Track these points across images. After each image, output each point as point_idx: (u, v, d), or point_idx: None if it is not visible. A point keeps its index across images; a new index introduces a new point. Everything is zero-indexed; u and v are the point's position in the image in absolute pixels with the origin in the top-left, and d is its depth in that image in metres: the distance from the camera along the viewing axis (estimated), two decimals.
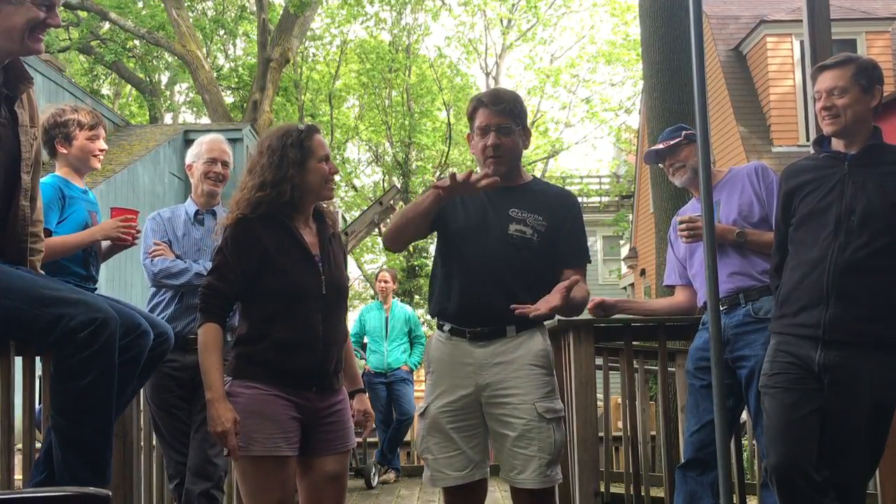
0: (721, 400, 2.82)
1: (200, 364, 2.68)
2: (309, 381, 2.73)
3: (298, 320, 2.70)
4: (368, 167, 26.86)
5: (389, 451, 7.70)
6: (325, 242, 2.84)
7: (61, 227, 3.45)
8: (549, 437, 2.84)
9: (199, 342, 2.70)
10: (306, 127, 2.85)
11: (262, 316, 2.72)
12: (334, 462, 2.79)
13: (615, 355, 5.02)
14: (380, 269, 9.16)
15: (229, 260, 2.71)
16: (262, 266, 2.71)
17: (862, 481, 2.91)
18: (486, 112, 2.95)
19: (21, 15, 2.52)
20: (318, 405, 2.75)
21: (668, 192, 6.82)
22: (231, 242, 2.73)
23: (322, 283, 2.76)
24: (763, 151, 13.20)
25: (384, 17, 22.71)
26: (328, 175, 2.82)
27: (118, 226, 3.49)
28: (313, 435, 2.76)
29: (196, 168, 3.84)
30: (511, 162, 2.99)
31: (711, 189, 2.97)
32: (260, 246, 2.71)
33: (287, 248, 2.74)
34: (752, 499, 4.66)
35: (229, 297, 2.74)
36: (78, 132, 3.57)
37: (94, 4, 17.90)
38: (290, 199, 2.76)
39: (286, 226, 2.77)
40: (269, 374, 2.68)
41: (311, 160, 2.77)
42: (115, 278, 10.11)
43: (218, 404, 2.61)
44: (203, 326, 2.70)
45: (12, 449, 3.12)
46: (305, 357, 2.70)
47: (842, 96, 2.92)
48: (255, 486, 2.66)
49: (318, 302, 2.74)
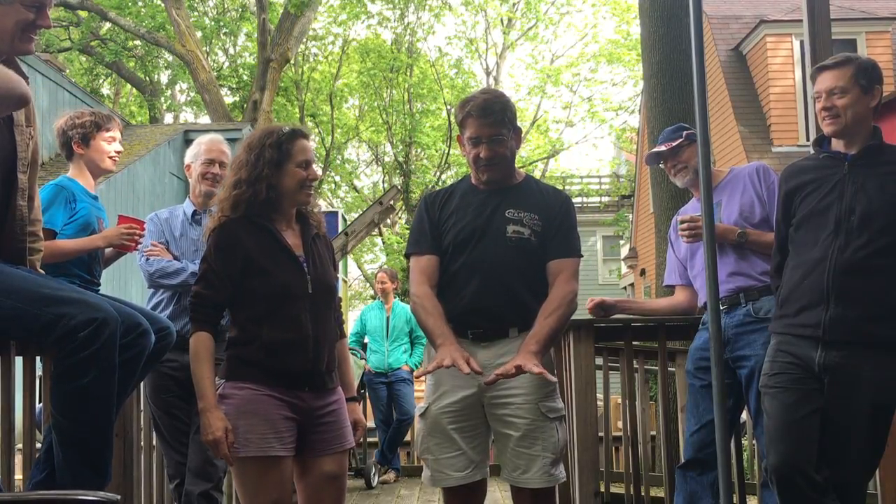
0: (721, 400, 2.82)
1: (192, 373, 2.70)
2: (301, 380, 2.74)
3: (286, 320, 2.72)
4: (368, 167, 26.89)
5: (389, 451, 7.70)
6: (308, 243, 2.86)
7: (67, 229, 3.46)
8: (553, 437, 2.85)
9: (191, 351, 2.71)
10: (290, 130, 2.85)
11: (250, 318, 2.74)
12: (332, 462, 2.79)
13: (615, 355, 5.02)
14: (378, 270, 9.15)
15: (214, 267, 2.74)
16: (246, 269, 2.73)
17: (862, 481, 2.90)
18: (476, 123, 2.93)
19: (10, 16, 2.53)
20: (314, 404, 2.76)
21: (668, 192, 6.83)
22: (214, 250, 2.75)
23: (307, 283, 2.77)
24: (763, 151, 13.20)
25: (388, 15, 22.71)
26: (305, 180, 2.81)
27: (122, 233, 3.52)
28: (310, 435, 2.76)
29: (194, 168, 3.84)
30: (506, 167, 3.00)
31: (712, 189, 2.98)
32: (242, 250, 2.73)
33: (269, 250, 2.76)
34: (752, 499, 4.66)
35: (218, 304, 2.75)
36: (95, 133, 3.62)
37: (94, 4, 17.88)
38: (266, 198, 2.77)
39: (267, 228, 2.79)
40: (262, 375, 2.69)
41: (288, 163, 2.78)
42: (115, 279, 10.11)
43: (209, 413, 2.63)
44: (194, 336, 2.72)
45: (12, 449, 3.12)
46: (296, 356, 2.72)
47: (842, 97, 2.92)
48: (251, 486, 2.67)
49: (305, 301, 2.76)
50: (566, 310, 2.88)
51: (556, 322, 2.85)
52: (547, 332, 2.82)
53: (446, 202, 3.05)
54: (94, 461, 2.61)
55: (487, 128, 2.92)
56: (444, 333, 2.83)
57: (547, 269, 2.93)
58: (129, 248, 3.56)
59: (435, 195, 3.11)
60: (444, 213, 3.02)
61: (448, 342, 2.79)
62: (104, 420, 2.61)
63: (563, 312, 2.87)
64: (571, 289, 2.91)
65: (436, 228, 3.01)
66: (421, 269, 2.98)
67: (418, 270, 2.99)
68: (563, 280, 2.91)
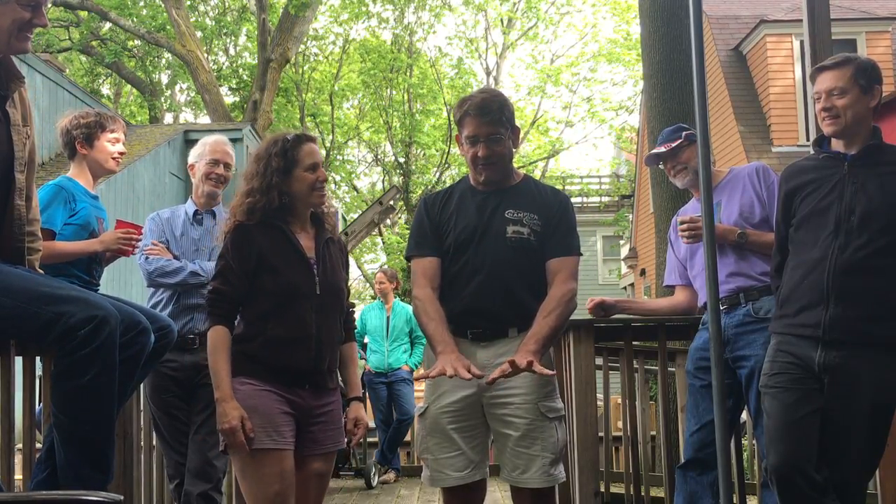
0: (721, 400, 2.82)
1: (210, 365, 2.78)
2: (302, 378, 2.82)
3: (291, 318, 2.80)
4: (368, 167, 26.88)
5: (389, 451, 7.70)
6: (321, 245, 2.94)
7: (66, 229, 3.46)
8: (552, 436, 2.85)
9: (209, 344, 2.80)
10: (294, 136, 2.95)
11: (258, 314, 2.82)
12: (322, 461, 2.89)
13: (615, 355, 5.03)
14: (378, 270, 9.16)
15: (231, 264, 2.82)
16: (259, 267, 2.81)
17: (862, 481, 2.91)
18: (474, 122, 2.94)
19: (7, 15, 2.54)
20: (312, 403, 2.84)
21: (668, 192, 6.83)
22: (231, 247, 2.84)
23: (316, 284, 2.86)
24: (763, 151, 13.20)
25: (386, 16, 22.71)
26: (315, 183, 2.91)
27: (119, 238, 3.52)
28: (304, 433, 2.84)
29: (198, 168, 3.84)
30: (504, 166, 3.01)
31: (712, 190, 2.98)
32: (256, 248, 2.82)
33: (281, 250, 2.85)
34: (752, 499, 4.66)
35: (235, 300, 2.84)
36: (99, 133, 3.62)
37: (94, 4, 17.88)
38: (281, 204, 2.88)
39: (281, 230, 2.88)
40: (264, 371, 2.77)
41: (296, 169, 2.88)
42: (115, 278, 10.12)
43: (225, 403, 2.71)
44: (211, 329, 2.81)
45: (12, 449, 3.12)
46: (298, 354, 2.80)
47: (842, 97, 2.93)
48: (253, 479, 2.74)
49: (312, 301, 2.84)
50: (565, 309, 2.88)
51: (554, 321, 2.85)
52: (546, 332, 2.82)
53: (446, 203, 3.05)
54: (97, 459, 2.62)
55: (485, 127, 2.93)
56: (445, 340, 2.83)
57: (546, 268, 2.94)
58: (126, 252, 3.57)
59: (434, 197, 3.12)
60: (444, 214, 3.03)
61: (448, 349, 2.80)
62: (105, 418, 2.62)
63: (561, 311, 2.87)
64: (570, 288, 2.91)
65: (436, 230, 3.01)
66: (423, 271, 2.99)
67: (420, 273, 2.99)
68: (562, 279, 2.91)
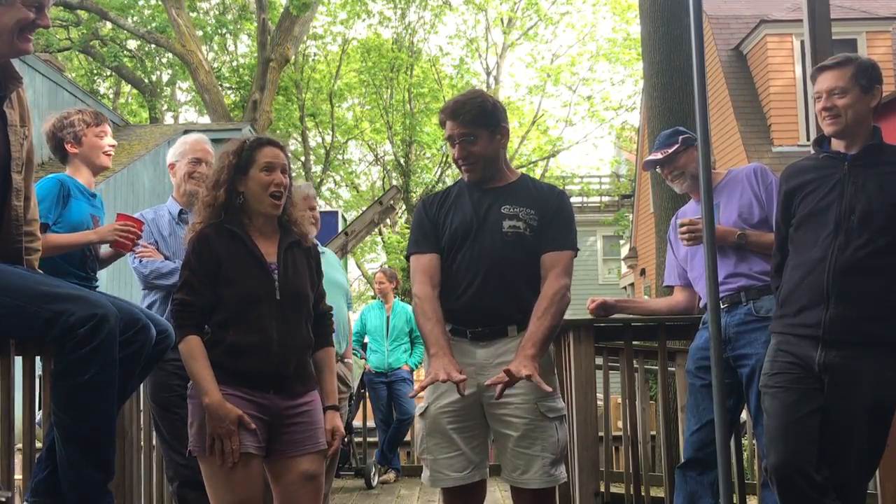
0: (721, 400, 2.82)
1: (191, 374, 2.72)
2: (265, 382, 2.76)
3: (251, 324, 2.76)
4: (368, 167, 26.88)
5: (389, 451, 7.69)
6: (282, 250, 2.89)
7: (58, 226, 3.44)
8: (553, 437, 2.85)
9: (183, 354, 2.73)
10: (256, 137, 2.94)
11: (218, 322, 2.78)
12: (309, 462, 2.80)
13: (615, 355, 5.02)
14: (378, 270, 9.17)
15: (194, 274, 2.79)
16: (216, 276, 2.78)
17: (862, 481, 2.90)
18: (450, 123, 3.00)
19: (10, 16, 2.54)
20: (282, 405, 2.78)
21: (668, 193, 6.82)
22: (193, 257, 2.81)
23: (276, 289, 2.81)
24: (763, 151, 13.20)
25: (388, 15, 22.69)
26: (269, 185, 2.84)
27: (115, 229, 3.47)
28: (281, 435, 2.78)
29: (179, 167, 3.82)
30: (486, 165, 3.01)
31: (712, 191, 2.97)
32: (216, 257, 2.79)
33: (238, 257, 2.81)
34: (752, 499, 4.66)
35: (202, 308, 2.78)
36: (86, 129, 3.60)
37: (94, 4, 17.87)
38: (234, 204, 2.86)
39: (238, 236, 2.84)
40: (226, 376, 2.72)
41: (252, 168, 2.86)
42: (116, 279, 10.11)
43: (220, 406, 2.65)
44: (183, 340, 2.73)
45: (12, 449, 3.12)
46: (258, 360, 2.74)
47: (842, 97, 2.93)
48: (218, 485, 2.69)
49: (271, 306, 2.79)
50: (559, 307, 2.88)
51: (550, 321, 2.85)
52: (542, 333, 2.82)
53: (443, 202, 3.07)
54: (97, 457, 2.62)
55: (458, 128, 2.97)
56: (440, 343, 2.83)
57: (541, 261, 2.93)
58: (125, 246, 3.54)
59: (432, 197, 3.14)
60: (442, 212, 3.04)
61: (442, 353, 2.80)
62: (106, 416, 2.62)
63: (556, 310, 2.86)
64: (562, 284, 2.90)
65: (435, 228, 3.02)
66: (423, 268, 2.99)
67: (420, 270, 2.99)
68: (555, 275, 2.90)
